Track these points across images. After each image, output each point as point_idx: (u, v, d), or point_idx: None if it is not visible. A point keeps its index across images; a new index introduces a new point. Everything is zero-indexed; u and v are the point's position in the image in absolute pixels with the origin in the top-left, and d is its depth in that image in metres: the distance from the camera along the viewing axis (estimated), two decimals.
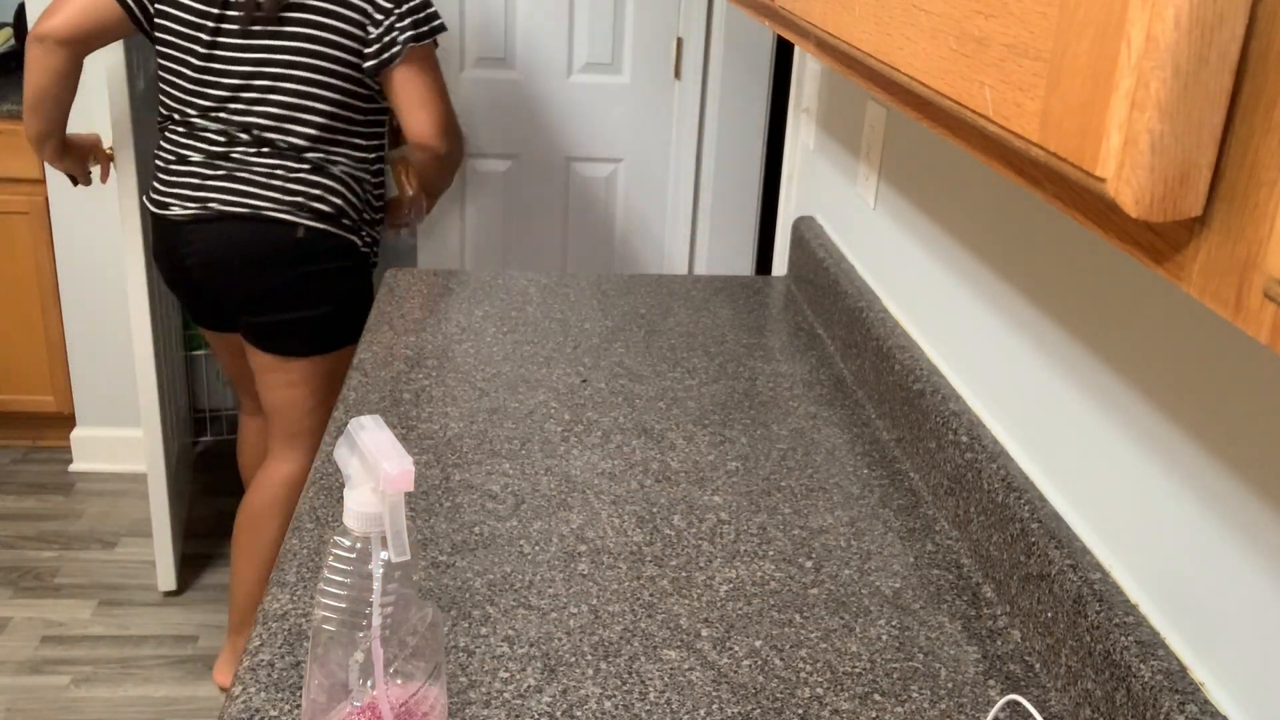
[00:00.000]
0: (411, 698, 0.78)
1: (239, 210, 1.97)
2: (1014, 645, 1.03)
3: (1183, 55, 0.39)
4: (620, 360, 1.58)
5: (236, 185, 1.98)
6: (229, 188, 1.98)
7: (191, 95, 2.00)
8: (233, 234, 1.99)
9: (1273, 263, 0.37)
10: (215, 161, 2.00)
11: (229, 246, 2.00)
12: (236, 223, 1.98)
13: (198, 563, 2.68)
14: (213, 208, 1.98)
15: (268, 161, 1.98)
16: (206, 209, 1.99)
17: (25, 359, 2.96)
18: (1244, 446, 0.78)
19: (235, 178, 1.98)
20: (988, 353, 1.20)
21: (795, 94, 1.97)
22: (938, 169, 1.34)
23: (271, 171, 1.98)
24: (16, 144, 2.77)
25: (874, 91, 0.76)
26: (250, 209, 1.97)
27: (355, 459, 0.75)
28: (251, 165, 1.98)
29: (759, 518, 1.21)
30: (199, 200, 1.99)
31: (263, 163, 1.98)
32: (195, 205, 2.00)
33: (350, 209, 2.03)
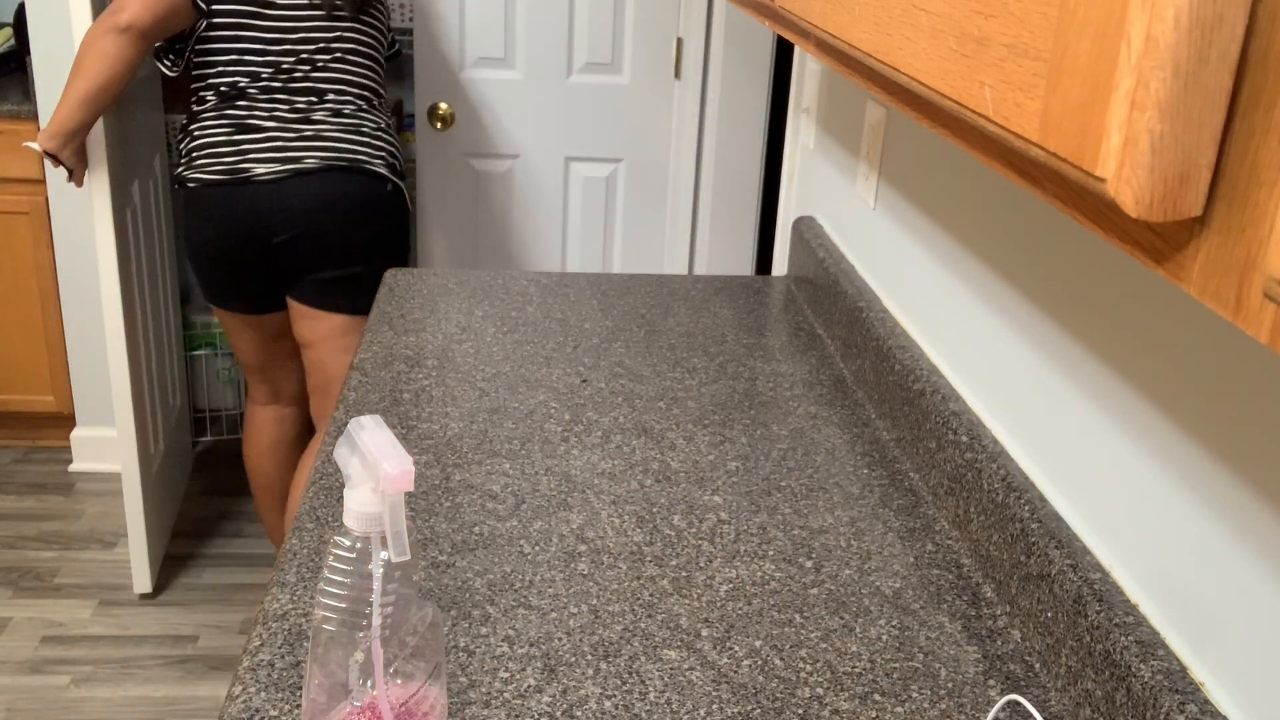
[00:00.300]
0: (411, 698, 0.78)
1: (341, 162, 2.10)
2: (1014, 645, 1.03)
3: (1183, 55, 0.39)
4: (620, 360, 1.58)
5: (330, 142, 2.11)
6: (323, 145, 2.10)
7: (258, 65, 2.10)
8: (336, 185, 2.10)
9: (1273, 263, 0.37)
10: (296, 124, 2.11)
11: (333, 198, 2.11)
12: (340, 174, 2.11)
13: (198, 563, 2.68)
14: (309, 163, 2.08)
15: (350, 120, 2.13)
16: (303, 164, 2.08)
17: (25, 359, 2.96)
18: (1244, 446, 0.78)
19: (325, 136, 2.11)
20: (988, 353, 1.20)
21: (795, 94, 1.97)
22: (938, 169, 1.34)
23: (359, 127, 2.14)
24: (17, 144, 2.77)
25: (874, 91, 0.76)
26: (351, 161, 2.11)
27: (355, 459, 0.75)
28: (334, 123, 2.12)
29: (759, 518, 1.21)
30: (293, 158, 2.08)
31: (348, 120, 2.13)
32: (290, 164, 2.08)
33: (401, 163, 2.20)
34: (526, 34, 2.79)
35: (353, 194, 2.12)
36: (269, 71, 2.10)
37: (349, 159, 2.11)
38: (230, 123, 2.10)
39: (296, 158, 2.09)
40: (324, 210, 2.11)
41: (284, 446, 2.44)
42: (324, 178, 2.10)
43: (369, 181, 2.13)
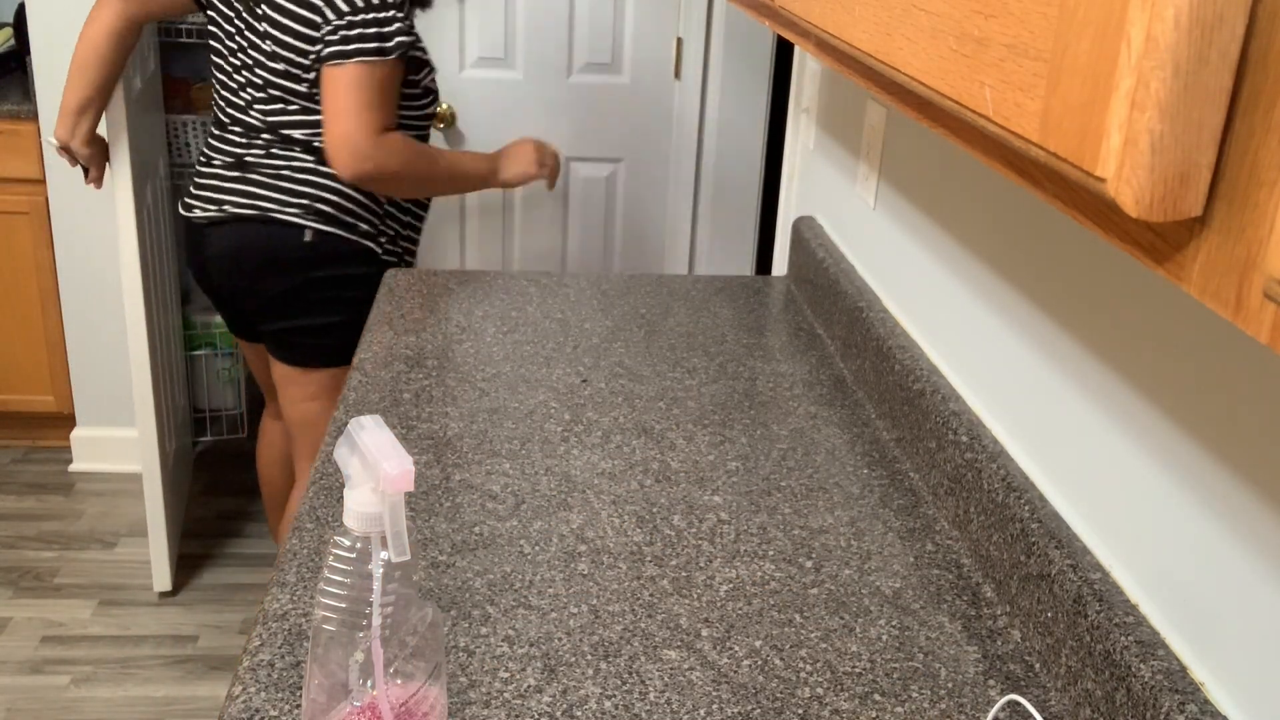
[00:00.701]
0: (411, 698, 0.78)
1: (248, 212, 1.95)
2: (1014, 645, 1.03)
3: (1183, 55, 0.39)
4: (620, 360, 1.58)
5: (248, 187, 1.97)
6: (241, 189, 1.97)
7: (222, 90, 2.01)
8: (242, 236, 1.97)
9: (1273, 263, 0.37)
10: (232, 163, 1.99)
11: (239, 249, 1.98)
12: (247, 225, 1.96)
13: (198, 562, 2.68)
14: (227, 210, 1.97)
15: (276, 162, 1.95)
16: (222, 210, 1.98)
17: (25, 359, 2.96)
18: (1244, 446, 0.78)
19: (247, 179, 1.97)
20: (988, 353, 1.20)
21: (795, 94, 1.97)
22: (938, 169, 1.34)
23: (278, 171, 1.95)
24: (17, 144, 2.77)
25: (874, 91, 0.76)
26: (258, 210, 1.94)
27: (355, 459, 0.75)
28: (262, 166, 1.96)
29: (759, 518, 1.21)
30: (216, 202, 1.99)
31: (272, 163, 1.95)
32: (214, 208, 1.99)
33: (366, 213, 1.97)
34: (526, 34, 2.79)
35: (257, 246, 1.96)
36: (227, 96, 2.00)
37: (257, 209, 1.94)
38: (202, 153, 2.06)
39: (219, 201, 1.97)
40: (231, 262, 2.00)
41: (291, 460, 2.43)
42: (233, 228, 1.97)
43: (279, 232, 1.94)
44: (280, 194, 1.94)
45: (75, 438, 3.02)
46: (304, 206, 1.94)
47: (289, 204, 1.94)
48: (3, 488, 2.94)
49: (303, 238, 1.94)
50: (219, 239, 2.00)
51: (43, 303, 2.91)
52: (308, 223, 1.94)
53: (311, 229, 1.94)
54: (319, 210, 1.94)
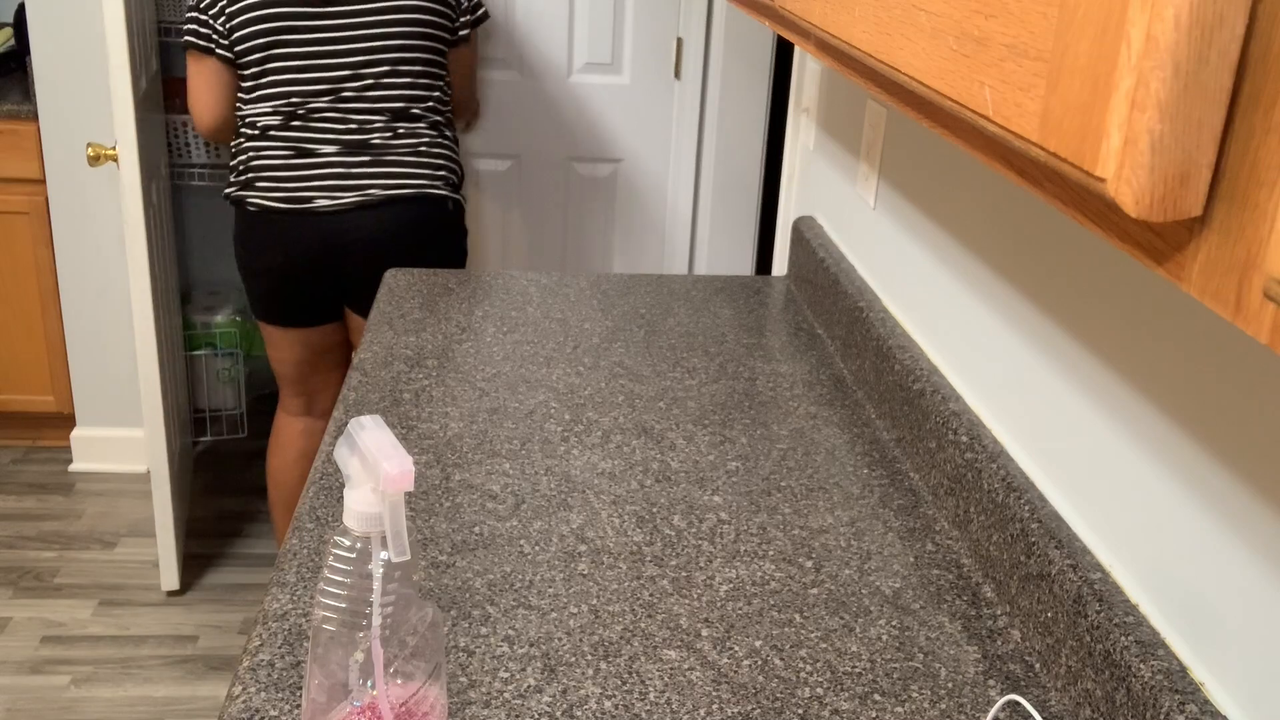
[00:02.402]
0: (411, 698, 0.78)
1: (406, 191, 2.08)
2: (1014, 645, 1.03)
3: (1183, 55, 0.39)
4: (620, 360, 1.58)
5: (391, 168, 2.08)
6: (384, 173, 2.08)
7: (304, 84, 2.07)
8: (401, 216, 2.09)
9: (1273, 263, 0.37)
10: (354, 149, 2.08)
11: (399, 227, 2.09)
12: (405, 205, 2.08)
13: (198, 562, 2.68)
14: (373, 194, 2.06)
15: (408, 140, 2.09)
16: (367, 195, 2.06)
17: (25, 359, 2.96)
18: (1244, 446, 0.78)
19: (385, 162, 2.08)
20: (988, 353, 1.20)
21: (795, 94, 1.97)
22: (938, 169, 1.34)
23: (415, 149, 2.10)
24: (16, 144, 2.77)
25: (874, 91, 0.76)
26: (415, 189, 2.09)
27: (355, 459, 0.75)
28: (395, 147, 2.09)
29: (759, 518, 1.21)
30: (354, 187, 2.07)
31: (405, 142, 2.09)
32: (352, 193, 2.07)
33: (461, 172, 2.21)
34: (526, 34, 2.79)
35: (418, 222, 2.11)
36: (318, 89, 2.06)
37: (413, 188, 2.08)
38: (288, 146, 2.08)
39: (359, 187, 2.06)
40: (390, 240, 2.10)
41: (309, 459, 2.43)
42: (389, 209, 2.08)
43: (433, 207, 2.11)
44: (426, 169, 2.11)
45: (75, 438, 3.02)
46: (445, 179, 2.13)
47: (437, 177, 2.12)
48: (3, 488, 2.94)
49: (448, 207, 2.14)
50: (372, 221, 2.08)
51: (43, 303, 2.91)
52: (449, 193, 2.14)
53: (452, 199, 2.15)
54: (451, 180, 2.15)
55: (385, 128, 2.07)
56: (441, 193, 2.12)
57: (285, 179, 2.07)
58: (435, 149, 2.12)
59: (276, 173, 2.07)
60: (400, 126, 2.09)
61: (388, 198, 2.06)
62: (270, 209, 2.08)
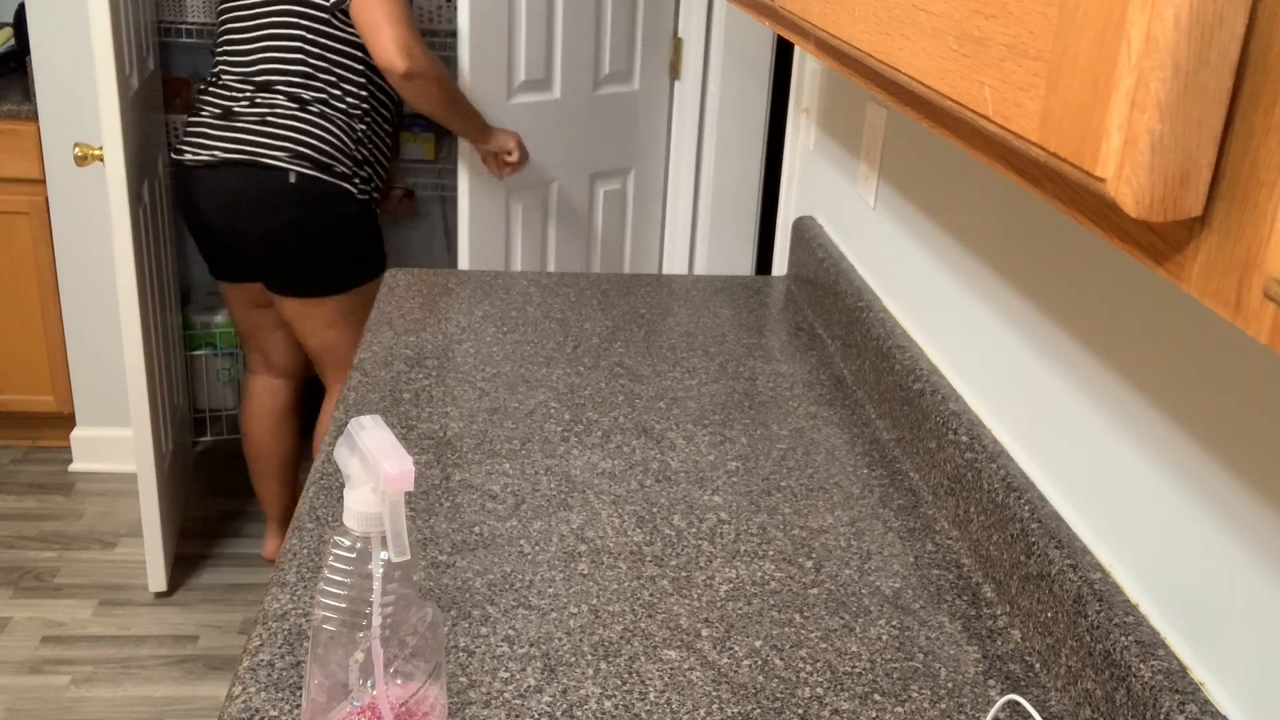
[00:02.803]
0: (411, 698, 0.78)
1: (238, 156, 2.16)
2: (1014, 645, 1.03)
3: (1183, 55, 0.39)
4: (620, 360, 1.58)
5: (236, 134, 2.17)
6: (231, 136, 2.17)
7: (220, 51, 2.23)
8: (238, 180, 2.17)
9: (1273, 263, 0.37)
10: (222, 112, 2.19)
11: (230, 192, 2.18)
12: (237, 169, 2.16)
13: (198, 563, 2.68)
14: (218, 154, 2.17)
15: (261, 110, 2.16)
16: (214, 155, 2.17)
17: (25, 359, 2.96)
18: (1244, 446, 0.78)
19: (235, 126, 2.17)
20: (988, 353, 1.20)
21: (795, 94, 1.97)
22: (938, 169, 1.34)
23: (263, 118, 2.16)
24: (16, 144, 2.77)
25: (874, 91, 0.76)
26: (248, 155, 2.15)
27: (355, 459, 0.75)
28: (249, 114, 2.17)
29: (759, 518, 1.21)
30: (208, 148, 2.19)
31: (257, 111, 2.17)
32: (205, 153, 2.19)
33: (342, 155, 2.19)
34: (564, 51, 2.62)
35: (247, 188, 2.17)
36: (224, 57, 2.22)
37: (246, 153, 2.16)
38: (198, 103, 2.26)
39: (209, 147, 2.19)
40: (226, 205, 2.20)
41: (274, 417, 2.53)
42: (224, 172, 2.18)
43: (264, 174, 2.16)
44: (265, 138, 2.16)
45: (75, 438, 3.02)
46: (287, 150, 2.15)
47: (274, 147, 2.15)
48: (3, 488, 2.94)
49: (288, 179, 2.16)
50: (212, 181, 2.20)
51: (43, 303, 2.91)
52: (291, 165, 2.16)
53: (294, 171, 2.16)
54: (303, 154, 2.16)
55: (245, 97, 2.18)
56: (278, 164, 2.15)
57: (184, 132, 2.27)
58: (286, 120, 2.16)
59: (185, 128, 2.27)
60: (259, 96, 2.18)
61: (226, 160, 2.16)
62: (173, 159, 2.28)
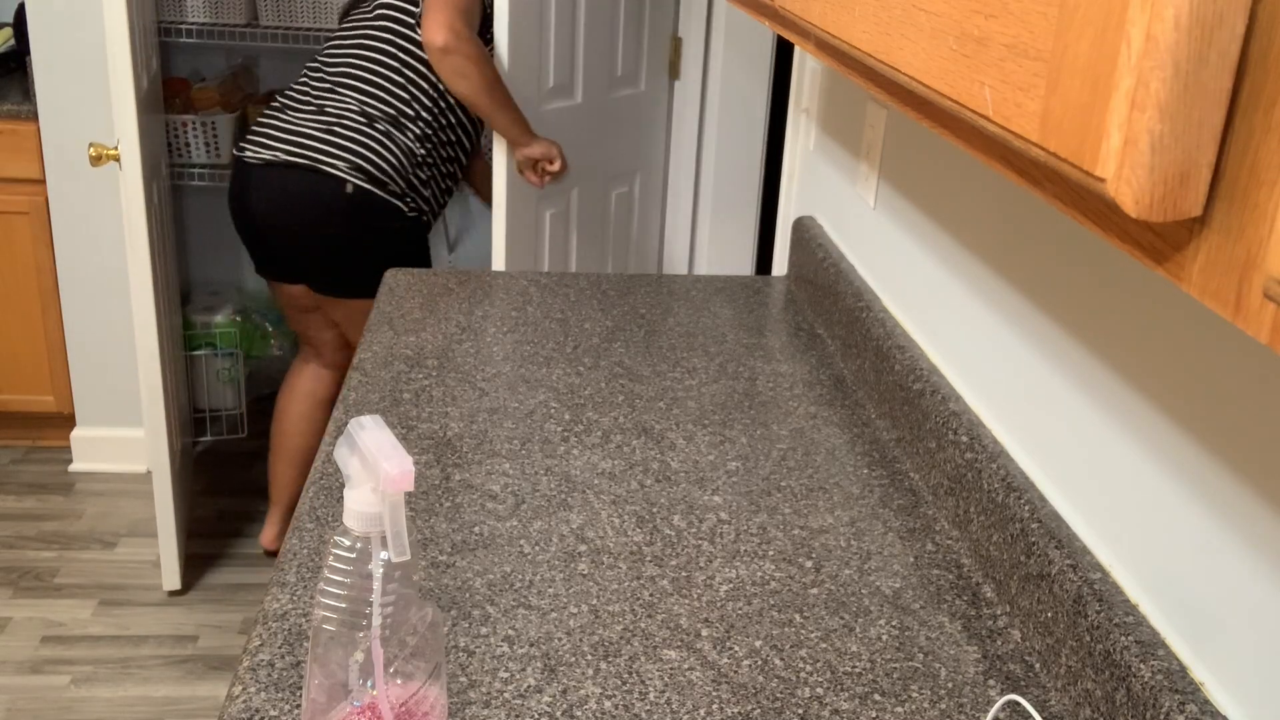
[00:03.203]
0: (411, 698, 0.78)
1: (300, 160, 2.17)
2: (1014, 645, 1.03)
3: (1183, 55, 0.39)
4: (620, 360, 1.58)
5: (300, 138, 2.19)
6: (295, 140, 2.19)
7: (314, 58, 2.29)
8: (290, 181, 2.19)
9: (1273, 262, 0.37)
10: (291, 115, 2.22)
11: (285, 193, 2.20)
12: (296, 171, 2.18)
13: (199, 562, 2.68)
14: (279, 155, 2.19)
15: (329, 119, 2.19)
16: (275, 156, 2.19)
17: (25, 359, 2.96)
18: (1244, 446, 0.78)
19: (301, 131, 2.19)
20: (988, 353, 1.20)
21: (795, 94, 1.97)
22: (938, 169, 1.34)
23: (330, 127, 2.18)
24: (17, 144, 2.77)
25: (874, 91, 0.76)
26: (310, 160, 2.17)
27: (355, 459, 0.75)
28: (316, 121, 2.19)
29: (759, 518, 1.21)
30: (270, 148, 2.21)
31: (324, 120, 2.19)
32: (267, 153, 2.21)
33: (398, 176, 2.20)
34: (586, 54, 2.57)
35: (304, 194, 2.18)
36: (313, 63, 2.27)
37: (309, 158, 2.17)
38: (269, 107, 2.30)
39: (273, 148, 2.20)
40: (280, 206, 2.22)
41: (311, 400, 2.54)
42: (283, 173, 2.19)
43: (322, 181, 2.17)
44: (331, 147, 2.17)
45: (75, 438, 3.02)
46: (347, 162, 2.17)
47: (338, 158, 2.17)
48: (3, 488, 2.94)
49: (344, 189, 2.17)
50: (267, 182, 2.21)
51: (43, 303, 2.91)
52: (349, 177, 2.17)
53: (352, 182, 2.17)
54: (362, 167, 2.17)
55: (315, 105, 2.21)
56: (335, 172, 2.16)
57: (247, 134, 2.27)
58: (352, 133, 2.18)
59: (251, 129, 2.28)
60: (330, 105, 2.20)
61: (287, 161, 2.18)
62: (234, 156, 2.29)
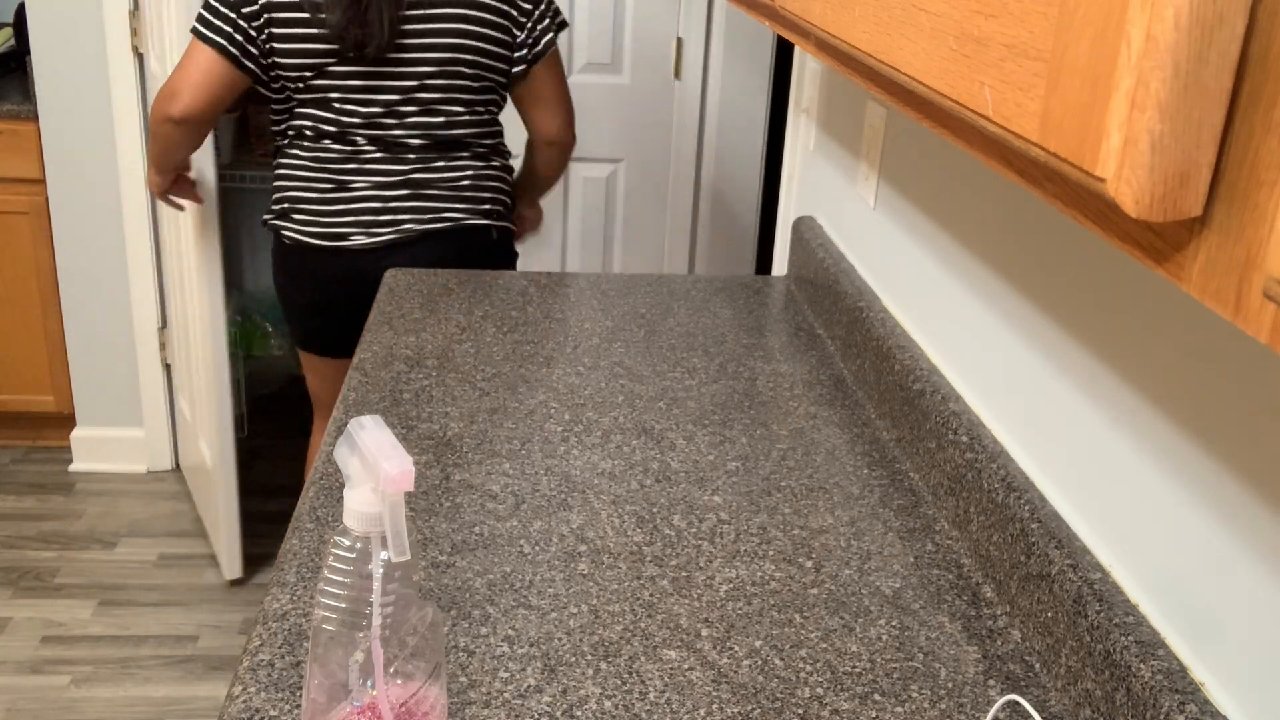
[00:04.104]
0: (411, 698, 0.78)
1: (441, 226, 1.98)
2: (1014, 645, 1.03)
3: (1183, 55, 0.39)
4: (620, 360, 1.58)
5: (427, 203, 1.97)
6: (421, 207, 1.96)
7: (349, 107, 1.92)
8: (435, 251, 1.98)
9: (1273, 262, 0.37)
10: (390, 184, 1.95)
11: (435, 262, 1.98)
12: (440, 240, 1.98)
13: (198, 562, 2.68)
14: (410, 229, 1.96)
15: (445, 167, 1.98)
16: (403, 230, 1.96)
17: (25, 359, 2.96)
18: (1244, 446, 0.78)
19: (422, 195, 1.96)
20: (988, 353, 1.20)
21: (795, 94, 1.97)
22: (938, 169, 1.34)
23: (455, 179, 1.99)
24: (17, 144, 2.77)
25: (874, 91, 0.76)
26: (451, 221, 1.98)
27: (355, 459, 0.75)
28: (433, 177, 1.97)
29: (759, 518, 1.21)
30: (390, 223, 1.96)
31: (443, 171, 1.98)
32: (389, 229, 1.95)
33: (509, 200, 2.10)
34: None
35: (456, 255, 2.00)
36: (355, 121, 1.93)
37: (450, 219, 1.98)
38: (324, 177, 1.97)
39: (395, 222, 1.96)
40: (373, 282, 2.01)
41: None
42: (425, 245, 1.97)
43: (472, 238, 2.00)
44: (464, 202, 2.00)
45: (75, 438, 3.02)
46: (487, 209, 2.03)
47: (477, 208, 2.02)
48: (3, 488, 2.94)
49: (491, 238, 2.05)
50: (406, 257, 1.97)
51: (43, 303, 2.91)
52: (491, 223, 2.04)
53: (495, 228, 2.05)
54: (495, 211, 2.05)
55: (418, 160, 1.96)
56: (480, 223, 2.01)
57: (321, 214, 1.97)
58: (476, 178, 2.00)
59: (312, 205, 1.97)
60: (438, 157, 1.97)
61: (423, 233, 1.96)
62: (304, 245, 1.99)
